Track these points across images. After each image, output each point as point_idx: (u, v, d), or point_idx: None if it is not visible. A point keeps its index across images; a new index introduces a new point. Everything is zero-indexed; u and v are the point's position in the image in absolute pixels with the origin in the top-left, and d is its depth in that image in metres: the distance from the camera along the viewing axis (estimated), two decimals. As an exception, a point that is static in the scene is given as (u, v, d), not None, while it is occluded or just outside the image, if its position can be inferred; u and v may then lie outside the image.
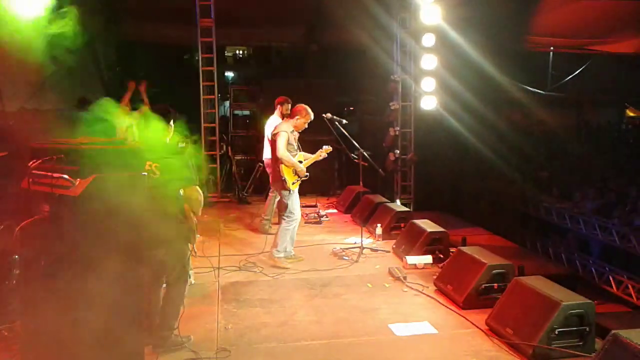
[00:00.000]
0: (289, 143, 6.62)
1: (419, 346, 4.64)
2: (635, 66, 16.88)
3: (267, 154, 8.32)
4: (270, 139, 6.99)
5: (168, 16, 11.90)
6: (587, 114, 21.38)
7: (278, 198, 8.33)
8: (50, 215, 3.33)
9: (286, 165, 6.60)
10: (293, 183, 6.67)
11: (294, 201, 6.77)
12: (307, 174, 6.79)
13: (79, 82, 13.20)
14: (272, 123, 8.22)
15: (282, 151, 6.56)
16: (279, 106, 8.33)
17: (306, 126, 6.83)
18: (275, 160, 6.67)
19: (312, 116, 6.81)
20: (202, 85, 11.18)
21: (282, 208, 6.82)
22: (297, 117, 6.74)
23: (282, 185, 6.64)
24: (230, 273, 6.48)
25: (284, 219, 6.75)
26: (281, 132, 6.61)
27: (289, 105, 8.35)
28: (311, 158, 6.92)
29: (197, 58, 11.48)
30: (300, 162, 6.75)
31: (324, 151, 7.02)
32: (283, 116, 8.28)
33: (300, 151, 6.86)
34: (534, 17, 14.95)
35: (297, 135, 6.81)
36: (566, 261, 10.43)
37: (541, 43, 16.51)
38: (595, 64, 17.00)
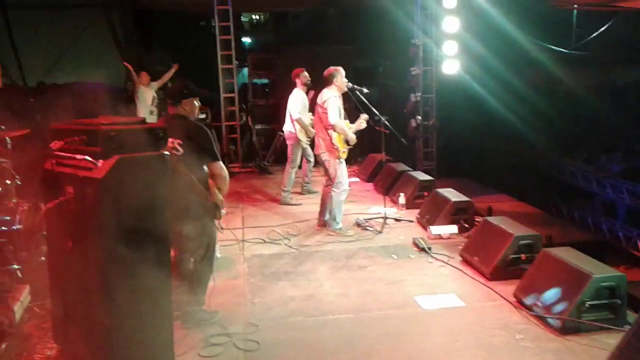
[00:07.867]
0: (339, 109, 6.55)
1: (446, 319, 4.60)
2: (663, 22, 16.32)
3: (288, 127, 8.24)
4: (318, 110, 6.70)
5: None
6: (613, 73, 20.81)
7: (294, 169, 8.30)
8: (75, 197, 3.31)
9: (338, 133, 6.53)
10: (343, 151, 6.63)
11: (343, 170, 6.73)
12: (356, 140, 6.73)
13: (96, 53, 13.19)
14: (297, 97, 8.11)
15: (335, 118, 6.48)
16: (297, 79, 8.20)
17: (345, 80, 6.68)
18: (325, 128, 6.57)
19: (342, 70, 6.70)
20: (220, 55, 11.04)
21: (331, 178, 6.74)
22: (334, 78, 6.62)
23: (335, 154, 6.57)
24: (255, 246, 6.48)
25: (334, 190, 6.69)
26: (330, 98, 6.51)
27: (306, 73, 8.24)
28: (353, 127, 6.82)
29: (213, 24, 11.33)
30: None
31: (363, 119, 6.89)
32: (304, 86, 8.18)
33: (346, 119, 6.78)
34: (558, -26, 14.47)
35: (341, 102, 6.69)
36: (592, 226, 10.28)
37: (564, 0, 16.01)
38: (620, 21, 16.48)
